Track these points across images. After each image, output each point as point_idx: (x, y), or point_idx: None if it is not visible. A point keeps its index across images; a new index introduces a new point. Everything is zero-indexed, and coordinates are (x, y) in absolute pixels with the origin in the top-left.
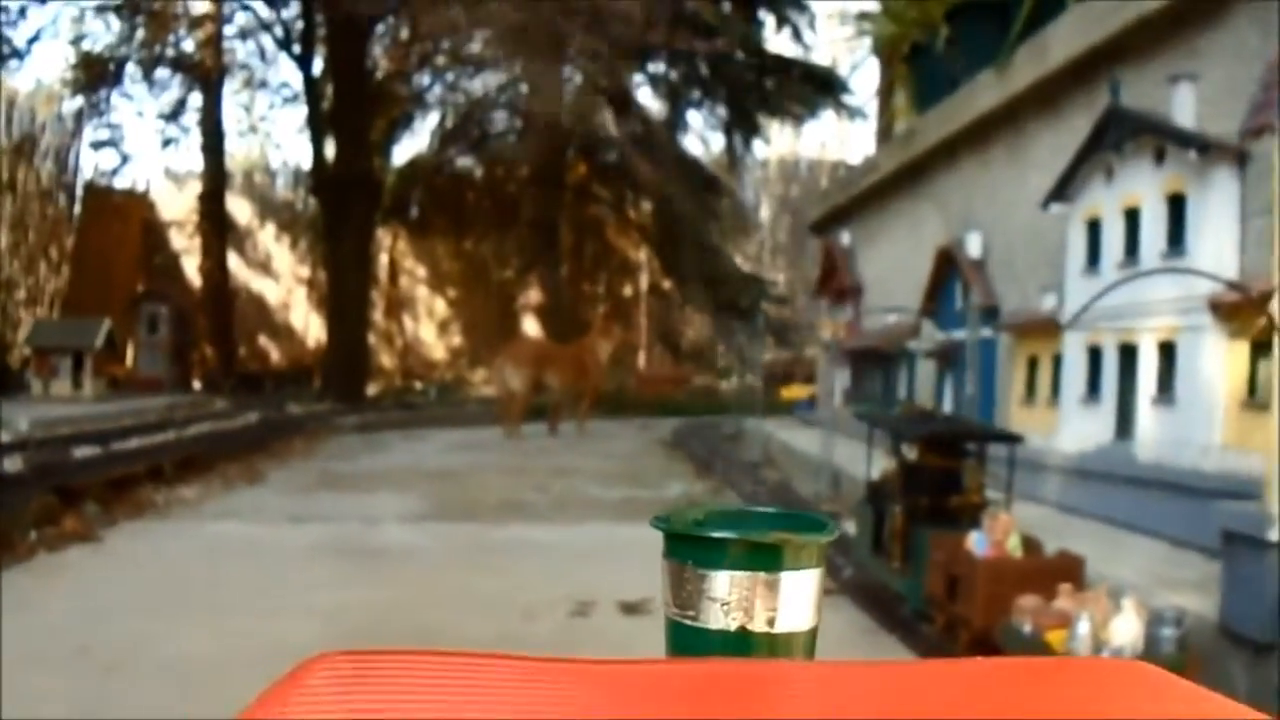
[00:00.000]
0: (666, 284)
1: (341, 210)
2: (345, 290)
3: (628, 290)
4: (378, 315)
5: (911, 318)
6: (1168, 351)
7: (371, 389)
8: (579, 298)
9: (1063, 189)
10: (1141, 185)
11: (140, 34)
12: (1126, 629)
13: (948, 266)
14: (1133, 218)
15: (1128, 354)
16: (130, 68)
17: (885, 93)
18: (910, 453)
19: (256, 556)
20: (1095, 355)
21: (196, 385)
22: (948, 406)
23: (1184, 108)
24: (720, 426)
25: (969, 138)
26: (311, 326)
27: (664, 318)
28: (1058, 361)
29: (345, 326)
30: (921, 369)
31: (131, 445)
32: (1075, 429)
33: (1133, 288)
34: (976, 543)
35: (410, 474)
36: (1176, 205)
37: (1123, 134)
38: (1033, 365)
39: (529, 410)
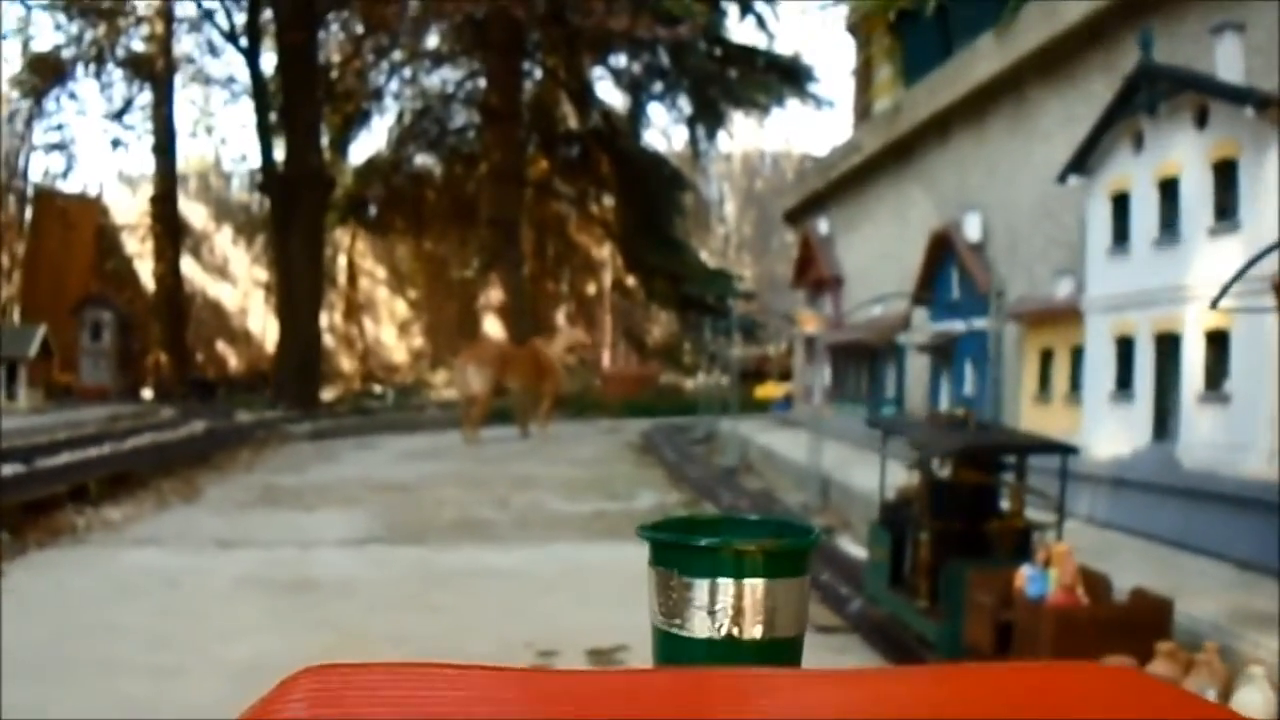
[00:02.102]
0: (630, 280)
1: (291, 207)
2: (297, 290)
3: (591, 288)
4: (337, 318)
5: (903, 308)
6: (1218, 341)
7: (331, 393)
8: (542, 296)
9: (1082, 160)
10: (1181, 152)
11: (90, 33)
12: (1257, 706)
13: (943, 251)
14: (1169, 189)
15: (1166, 344)
16: (79, 68)
17: (863, 70)
18: (942, 468)
19: (172, 594)
20: (1125, 346)
21: (148, 394)
22: (943, 406)
23: (1230, 62)
24: (692, 428)
25: (964, 110)
26: (270, 331)
27: (629, 315)
28: (1076, 354)
29: (297, 329)
30: (913, 364)
31: (60, 461)
32: (1104, 430)
33: (1174, 268)
34: (1031, 581)
35: (358, 487)
36: (1223, 173)
37: (1157, 94)
38: (1046, 359)
39: (490, 414)
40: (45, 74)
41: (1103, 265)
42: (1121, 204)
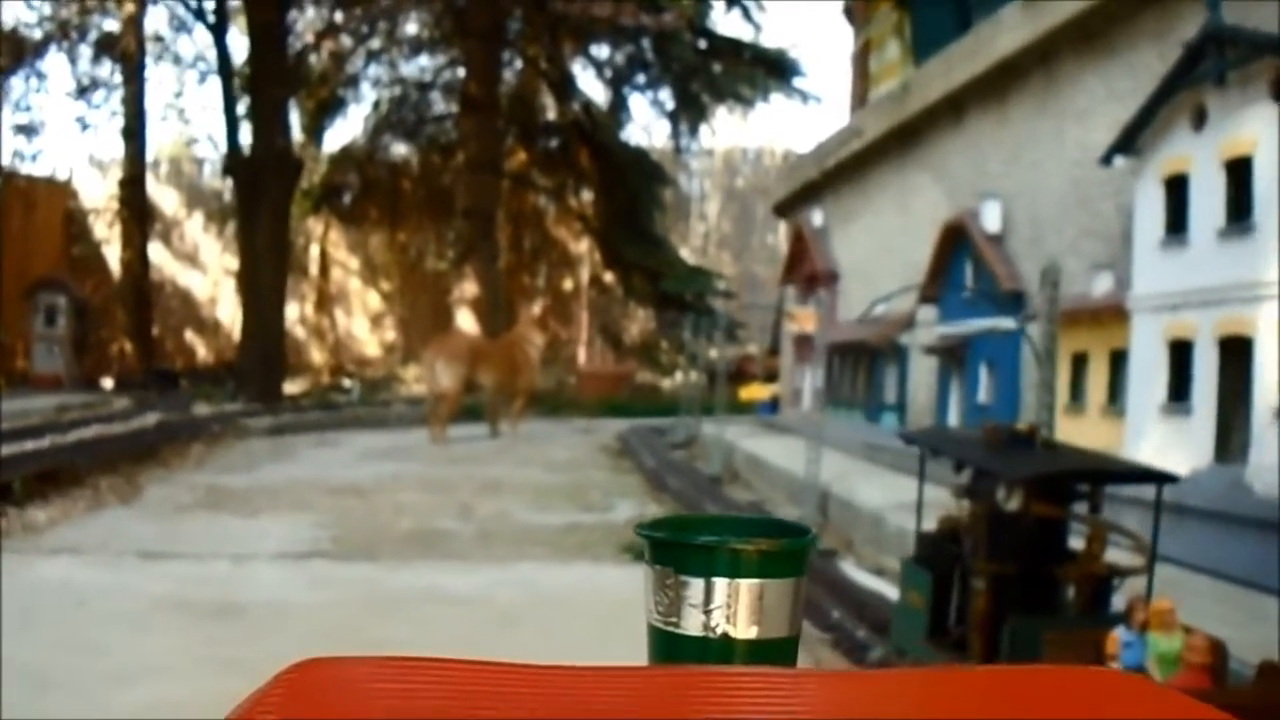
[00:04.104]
0: (608, 276)
1: (257, 191)
2: (261, 278)
3: (568, 283)
4: (309, 309)
5: (909, 305)
6: None
7: (301, 386)
8: (517, 291)
9: (1131, 139)
10: (1255, 127)
11: (62, 11)
12: None
13: (956, 244)
14: (1238, 171)
15: (1233, 350)
16: (48, 46)
17: (861, 54)
18: (1011, 500)
19: (76, 617)
20: (1181, 351)
21: (108, 383)
22: (953, 414)
23: None
24: (670, 430)
25: (983, 89)
26: (239, 321)
27: (606, 311)
28: (1117, 359)
29: (261, 318)
30: (918, 367)
31: None
32: (1152, 447)
33: (1244, 261)
34: (1126, 649)
35: (311, 490)
36: None
37: (1227, 61)
38: (1079, 364)
39: (459, 411)
40: (9, 52)
41: (1153, 258)
42: (1178, 188)
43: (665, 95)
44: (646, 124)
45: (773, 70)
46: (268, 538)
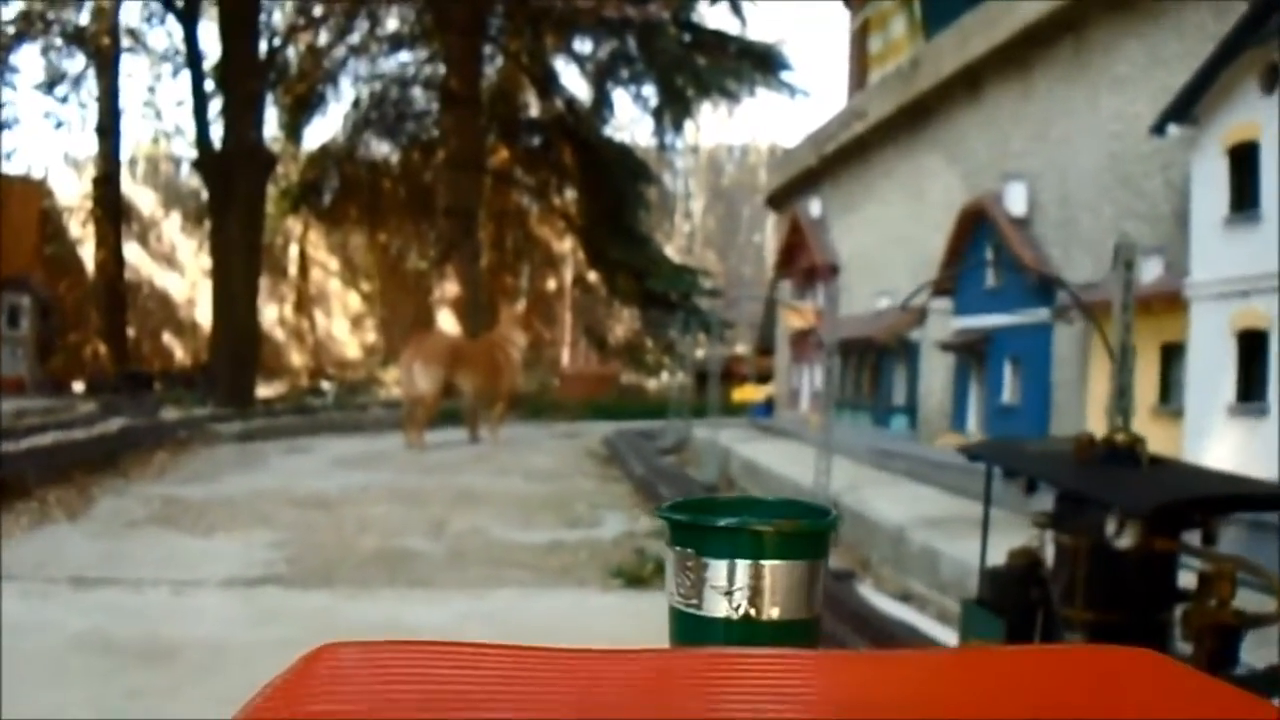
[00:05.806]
0: (592, 275)
1: (228, 187)
2: (233, 277)
3: (551, 283)
4: (288, 310)
5: (921, 297)
6: None
7: (279, 388)
8: (500, 290)
9: (1188, 105)
10: None
11: (35, 4)
12: None
13: (975, 230)
14: None
15: None
16: (21, 42)
17: (860, 33)
18: (1124, 537)
19: None
20: (1252, 343)
21: (79, 387)
22: (971, 420)
23: None
24: (659, 434)
25: (1003, 60)
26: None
27: (590, 311)
28: (1169, 354)
29: (233, 318)
30: (931, 365)
31: None
32: (1219, 452)
33: None
34: None
35: (273, 502)
36: None
37: None
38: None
39: (437, 415)
40: None
41: (1216, 239)
42: (1245, 159)
43: (649, 91)
44: (630, 121)
45: (759, 64)
46: (218, 560)
